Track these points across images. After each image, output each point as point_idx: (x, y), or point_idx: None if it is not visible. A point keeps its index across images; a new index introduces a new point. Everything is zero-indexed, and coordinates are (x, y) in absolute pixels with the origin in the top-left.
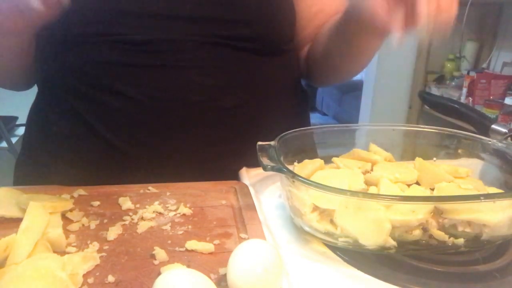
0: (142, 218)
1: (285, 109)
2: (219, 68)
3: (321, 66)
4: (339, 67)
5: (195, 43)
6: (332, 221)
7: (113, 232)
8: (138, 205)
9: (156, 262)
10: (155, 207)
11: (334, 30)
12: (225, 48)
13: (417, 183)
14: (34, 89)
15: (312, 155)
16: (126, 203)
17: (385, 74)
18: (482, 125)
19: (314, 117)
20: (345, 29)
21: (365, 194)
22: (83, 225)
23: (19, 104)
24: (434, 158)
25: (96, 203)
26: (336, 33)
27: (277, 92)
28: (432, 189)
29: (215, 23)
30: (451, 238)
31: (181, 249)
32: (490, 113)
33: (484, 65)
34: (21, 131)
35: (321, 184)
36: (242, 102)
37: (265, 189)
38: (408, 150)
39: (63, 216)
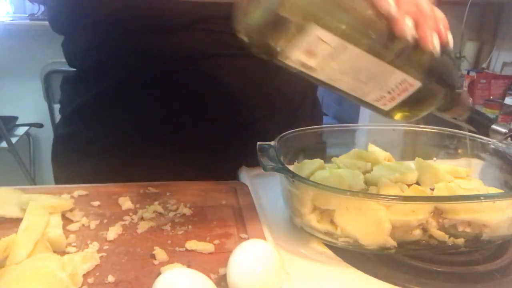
0: (142, 218)
1: (291, 113)
2: (222, 76)
3: None
4: None
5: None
6: (332, 221)
7: (113, 232)
8: (138, 205)
9: (156, 262)
10: (155, 207)
11: None
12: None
13: (417, 183)
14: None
15: (312, 155)
16: (126, 203)
17: None
18: (482, 125)
19: None
20: None
21: (365, 194)
22: (83, 225)
23: (19, 104)
24: (434, 158)
25: (96, 203)
26: None
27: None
28: (432, 189)
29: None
30: (451, 238)
31: (181, 249)
32: (490, 113)
33: (484, 65)
34: (21, 131)
35: (321, 184)
36: (242, 107)
37: (265, 189)
38: (408, 150)
39: (63, 216)
